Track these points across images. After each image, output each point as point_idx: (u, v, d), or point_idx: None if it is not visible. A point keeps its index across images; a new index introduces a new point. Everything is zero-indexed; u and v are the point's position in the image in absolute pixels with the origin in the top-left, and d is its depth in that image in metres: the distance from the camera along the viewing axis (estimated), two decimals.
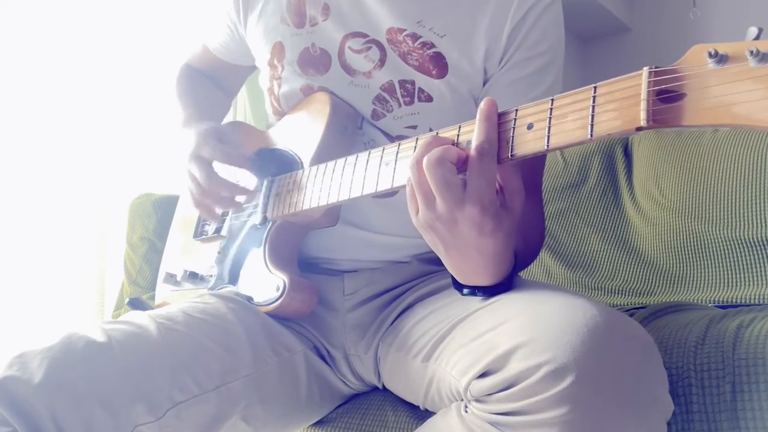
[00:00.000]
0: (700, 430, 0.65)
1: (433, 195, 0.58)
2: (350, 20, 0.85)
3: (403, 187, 0.64)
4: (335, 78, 0.86)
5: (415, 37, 0.82)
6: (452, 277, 0.68)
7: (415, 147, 0.65)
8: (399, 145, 0.67)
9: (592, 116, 0.50)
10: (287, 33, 0.89)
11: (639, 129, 0.47)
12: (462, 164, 0.58)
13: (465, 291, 0.67)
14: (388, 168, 0.67)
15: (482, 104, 0.58)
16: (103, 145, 1.88)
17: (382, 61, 0.84)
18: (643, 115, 0.46)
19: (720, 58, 0.43)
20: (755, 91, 0.41)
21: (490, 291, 0.66)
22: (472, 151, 0.57)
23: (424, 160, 0.57)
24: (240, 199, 0.89)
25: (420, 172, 0.58)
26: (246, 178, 0.93)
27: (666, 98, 0.46)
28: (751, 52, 0.42)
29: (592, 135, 0.50)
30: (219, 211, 0.91)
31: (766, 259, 1.07)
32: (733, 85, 0.43)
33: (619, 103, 0.48)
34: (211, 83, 1.10)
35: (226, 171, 0.91)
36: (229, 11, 0.96)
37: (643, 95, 0.46)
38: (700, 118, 0.44)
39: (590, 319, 0.53)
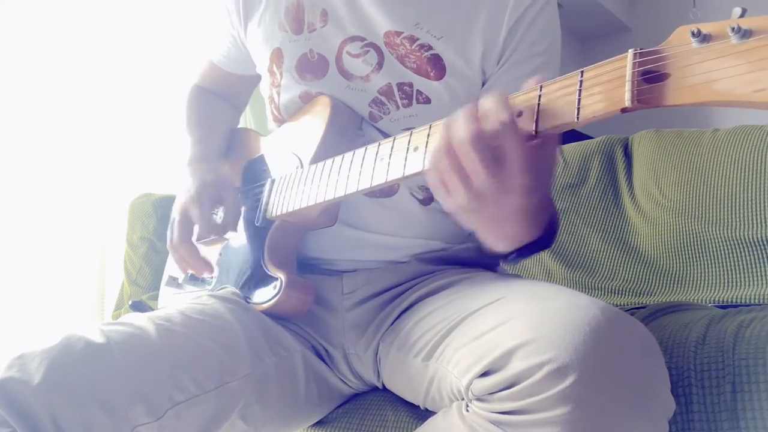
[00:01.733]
0: (700, 430, 0.65)
1: (469, 175, 0.55)
2: (348, 25, 0.85)
3: (398, 180, 0.64)
4: (332, 82, 0.86)
5: (412, 39, 0.82)
6: (492, 251, 0.65)
7: (409, 140, 0.65)
8: (393, 140, 0.67)
9: (579, 100, 0.51)
10: (285, 39, 0.89)
11: (624, 110, 0.47)
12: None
13: (512, 256, 0.65)
14: (383, 163, 0.67)
15: (493, 94, 0.57)
16: (104, 146, 1.88)
17: (380, 65, 0.84)
18: (627, 96, 0.47)
19: (703, 37, 0.44)
20: (736, 66, 0.41)
21: (535, 246, 0.64)
22: (496, 124, 0.54)
23: (461, 138, 0.55)
24: (195, 271, 0.90)
25: (451, 156, 0.56)
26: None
27: (651, 78, 0.46)
28: (733, 28, 0.42)
29: (578, 118, 0.51)
30: (184, 263, 0.90)
31: (766, 259, 1.07)
32: (715, 62, 0.43)
33: (605, 85, 0.49)
34: (220, 102, 1.10)
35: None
36: (231, 18, 0.96)
37: (628, 76, 0.47)
38: (684, 97, 0.44)
39: (592, 318, 0.53)
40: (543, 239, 0.64)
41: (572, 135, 1.46)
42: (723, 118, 2.91)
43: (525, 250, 0.65)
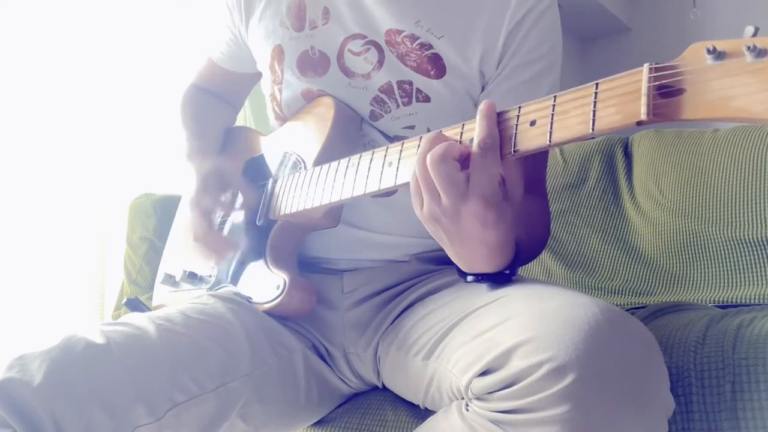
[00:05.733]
0: (700, 429, 0.65)
1: (437, 190, 0.59)
2: (350, 23, 0.86)
3: (406, 184, 0.64)
4: (333, 80, 0.87)
5: (413, 38, 0.82)
6: (456, 266, 0.69)
7: (419, 146, 0.65)
8: (402, 144, 0.67)
9: (594, 112, 0.51)
10: (286, 36, 0.89)
11: (639, 123, 0.48)
12: (465, 160, 0.59)
13: (469, 278, 0.68)
14: (392, 168, 0.67)
15: (482, 105, 0.59)
16: (103, 145, 1.88)
17: (381, 63, 0.84)
18: (643, 109, 0.47)
19: (718, 55, 0.44)
20: (752, 84, 0.42)
21: (494, 278, 0.67)
22: (475, 147, 0.58)
23: (428, 156, 0.59)
24: (229, 255, 0.91)
25: (424, 168, 0.59)
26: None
27: (665, 93, 0.47)
28: (749, 47, 0.42)
29: (593, 130, 0.51)
30: (220, 253, 0.92)
31: (766, 259, 1.07)
32: (731, 80, 0.44)
33: (620, 98, 0.50)
34: (214, 99, 1.11)
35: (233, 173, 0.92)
36: (232, 15, 0.96)
37: (644, 90, 0.47)
38: (699, 112, 0.45)
39: (591, 317, 0.53)
40: (501, 275, 0.67)
41: None
42: None
43: (483, 278, 0.67)
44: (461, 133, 0.62)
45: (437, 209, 0.60)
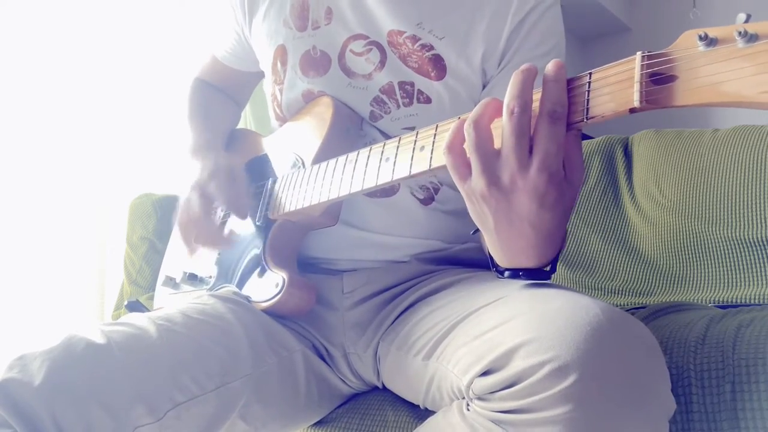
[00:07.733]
0: (700, 430, 0.65)
1: (494, 156, 0.54)
2: (352, 23, 0.86)
3: (402, 179, 0.65)
4: (333, 79, 0.87)
5: (414, 39, 0.82)
6: (490, 258, 0.64)
7: (415, 140, 0.65)
8: (399, 140, 0.67)
9: (588, 100, 0.51)
10: (289, 36, 0.90)
11: (632, 111, 0.49)
12: None
13: (506, 274, 0.63)
14: (389, 163, 0.67)
15: (550, 65, 0.53)
16: (103, 145, 1.88)
17: (383, 63, 0.84)
18: (636, 96, 0.48)
19: (710, 41, 0.45)
20: (742, 69, 0.43)
21: (534, 274, 0.62)
22: (544, 115, 0.52)
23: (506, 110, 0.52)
24: (222, 246, 0.89)
25: (481, 131, 0.54)
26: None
27: (658, 80, 0.48)
28: (739, 33, 0.43)
29: (587, 118, 0.51)
30: (197, 243, 0.86)
31: (766, 259, 1.07)
32: (722, 65, 0.44)
33: (614, 86, 0.50)
34: (222, 95, 1.10)
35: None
36: (236, 14, 0.96)
37: (637, 78, 0.48)
38: (691, 98, 0.46)
39: (593, 317, 0.53)
40: (541, 271, 0.62)
41: None
42: (723, 118, 2.91)
43: (521, 273, 0.63)
44: None
45: (489, 180, 0.54)
